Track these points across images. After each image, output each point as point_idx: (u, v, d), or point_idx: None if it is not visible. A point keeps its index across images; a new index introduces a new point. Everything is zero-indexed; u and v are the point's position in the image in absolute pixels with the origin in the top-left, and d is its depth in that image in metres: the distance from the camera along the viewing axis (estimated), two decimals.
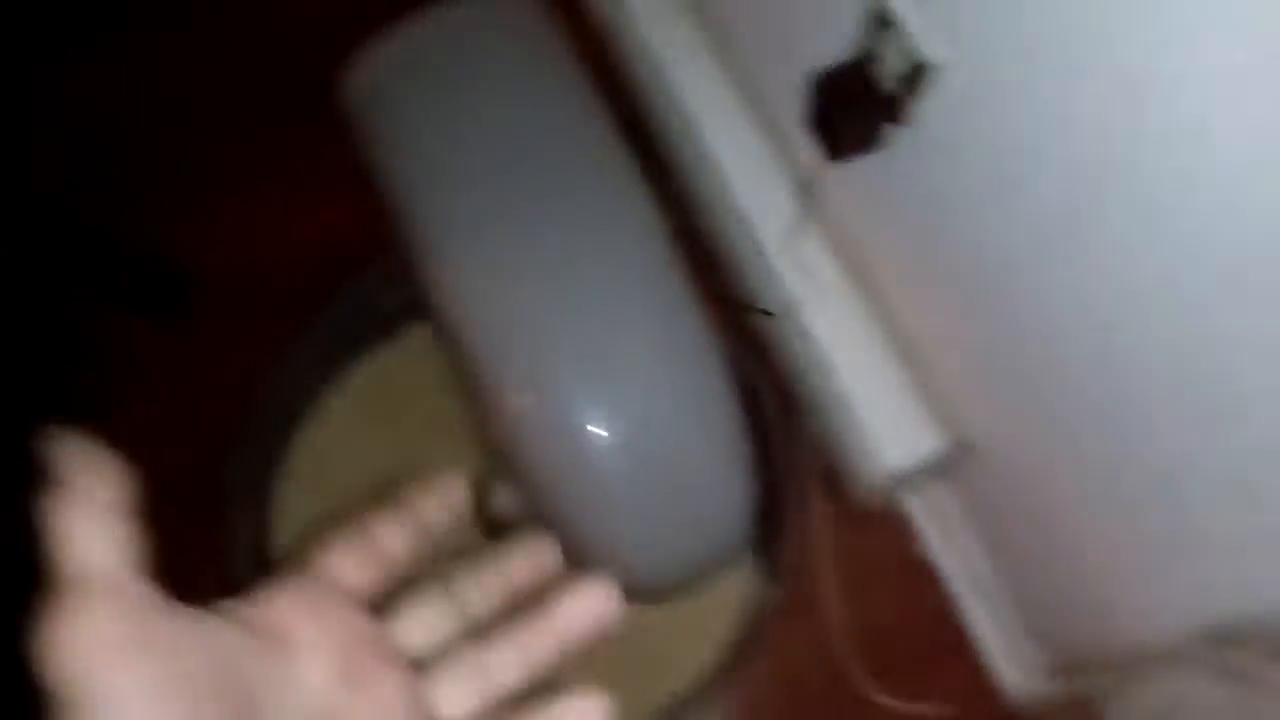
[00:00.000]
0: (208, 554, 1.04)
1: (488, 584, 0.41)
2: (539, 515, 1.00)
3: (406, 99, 0.97)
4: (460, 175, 0.94)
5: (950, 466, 1.05)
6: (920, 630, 1.16)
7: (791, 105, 0.92)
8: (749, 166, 1.08)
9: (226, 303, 1.27)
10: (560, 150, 0.95)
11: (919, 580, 1.16)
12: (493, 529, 1.12)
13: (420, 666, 0.38)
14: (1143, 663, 0.85)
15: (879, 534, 1.18)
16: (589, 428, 0.88)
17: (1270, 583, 0.68)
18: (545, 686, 0.40)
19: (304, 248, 1.26)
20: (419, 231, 0.92)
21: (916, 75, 0.78)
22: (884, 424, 1.02)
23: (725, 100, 1.11)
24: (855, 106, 0.84)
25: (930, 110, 0.80)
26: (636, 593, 1.01)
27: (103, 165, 1.33)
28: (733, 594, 1.12)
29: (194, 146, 1.34)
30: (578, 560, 0.97)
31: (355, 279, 1.14)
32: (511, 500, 1.04)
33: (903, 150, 0.85)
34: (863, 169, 0.89)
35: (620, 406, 0.89)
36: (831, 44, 0.85)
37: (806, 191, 0.99)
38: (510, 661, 0.39)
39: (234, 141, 1.32)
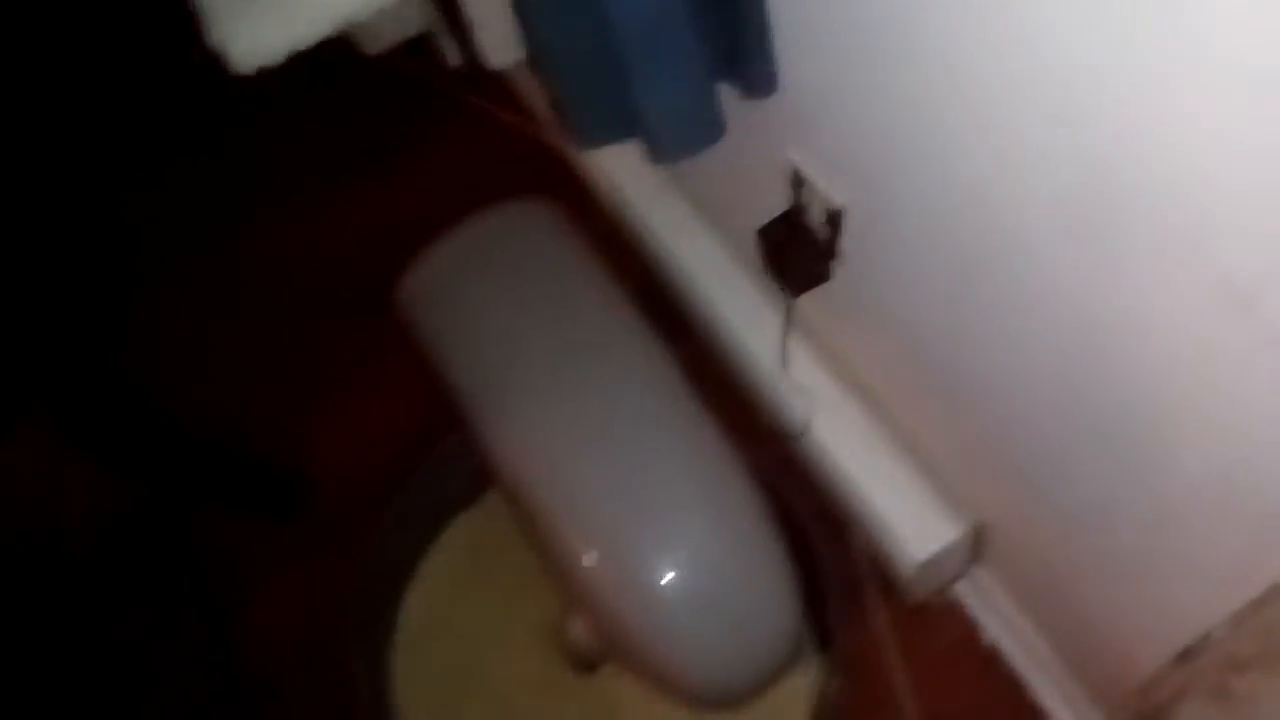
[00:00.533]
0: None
1: None
2: (614, 647, 1.12)
3: (452, 299, 1.17)
4: (505, 360, 1.11)
5: (979, 548, 1.12)
6: (994, 713, 1.20)
7: (755, 254, 1.07)
8: (744, 310, 1.23)
9: (329, 496, 1.45)
10: (588, 328, 1.13)
11: (982, 663, 1.21)
12: (575, 659, 1.24)
13: None
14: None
15: (938, 625, 1.24)
16: (649, 576, 1.01)
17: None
18: None
19: (389, 440, 1.45)
20: (478, 414, 1.09)
21: (834, 218, 0.92)
22: (905, 519, 1.11)
23: (716, 257, 1.27)
24: (796, 249, 0.99)
25: (853, 242, 0.93)
26: (707, 704, 1.11)
27: (207, 381, 1.55)
28: (802, 693, 1.20)
29: (287, 357, 1.55)
30: (652, 679, 1.08)
31: (431, 457, 1.31)
32: (586, 634, 1.16)
33: (846, 278, 0.99)
34: (822, 298, 1.03)
35: (673, 552, 1.02)
36: (769, 202, 1.00)
37: (785, 325, 1.13)
38: None
39: (321, 349, 1.54)
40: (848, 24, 0.73)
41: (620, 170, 1.38)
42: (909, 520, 1.11)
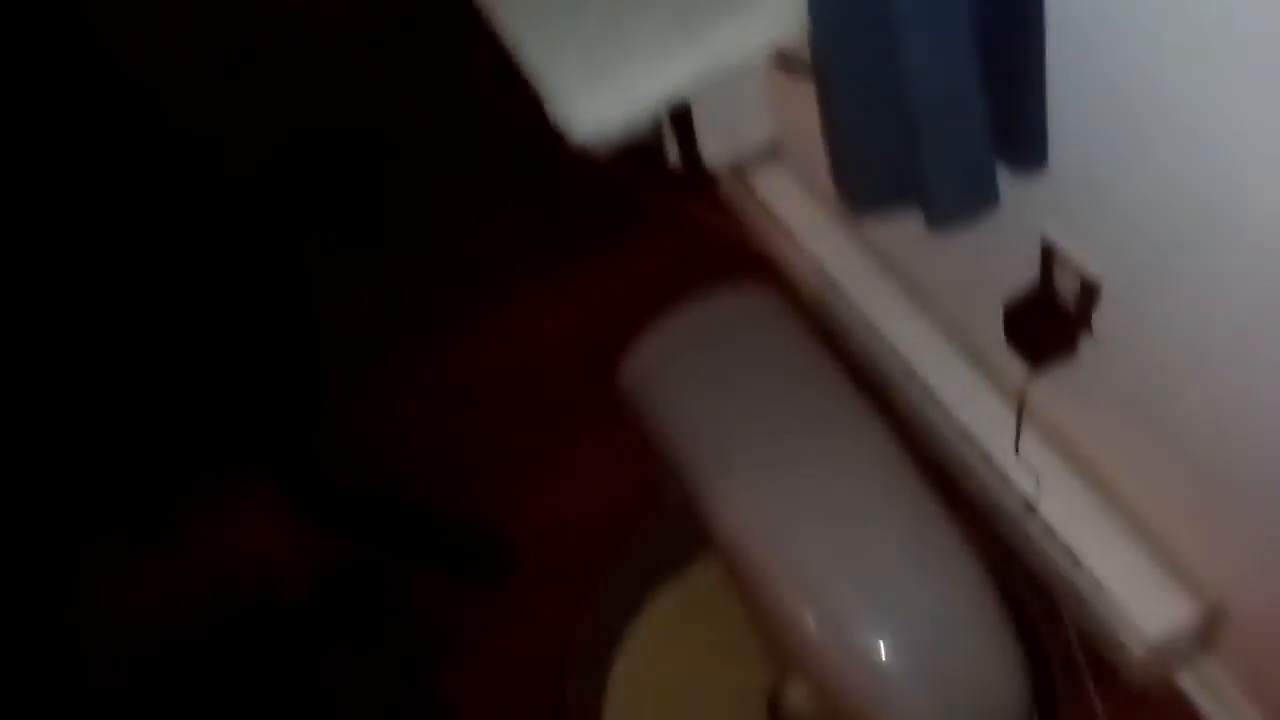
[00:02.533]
0: None
1: None
2: (832, 714, 1.13)
3: (678, 376, 1.24)
4: (729, 433, 1.17)
5: (1210, 634, 1.11)
6: None
7: (991, 331, 1.11)
8: (967, 391, 1.27)
9: (530, 565, 1.51)
10: (810, 403, 1.18)
11: None
12: None
13: None
14: None
15: (1160, 715, 1.22)
16: (870, 637, 1.04)
17: None
18: None
19: (590, 513, 1.51)
20: (700, 485, 1.14)
21: (1087, 292, 0.97)
22: (1135, 599, 1.11)
23: (934, 342, 1.32)
24: (1045, 325, 1.03)
25: (1106, 317, 0.98)
26: None
27: (425, 457, 1.64)
28: None
29: (501, 430, 1.64)
30: None
31: (641, 531, 1.37)
32: (805, 701, 1.18)
33: (1093, 352, 1.02)
34: (1063, 374, 1.06)
35: (895, 616, 1.05)
36: (1013, 276, 1.05)
37: (1021, 401, 1.16)
38: None
39: (530, 430, 1.63)
40: (1119, 100, 0.79)
41: (831, 264, 1.46)
42: (1140, 598, 1.11)
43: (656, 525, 1.38)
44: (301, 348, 1.74)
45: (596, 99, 0.78)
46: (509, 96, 1.91)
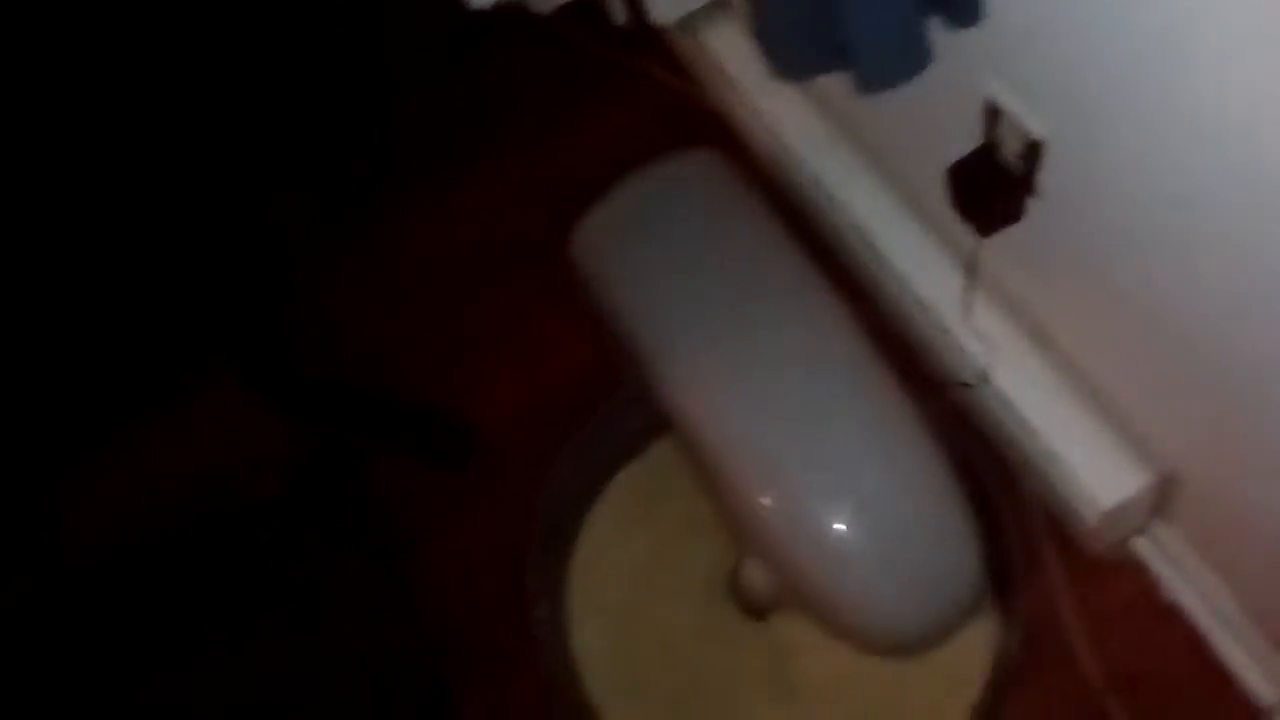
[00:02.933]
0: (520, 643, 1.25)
1: None
2: (789, 592, 1.14)
3: (627, 249, 1.19)
4: (681, 308, 1.13)
5: (1163, 500, 1.10)
6: (1175, 670, 1.17)
7: (940, 196, 1.06)
8: (919, 257, 1.22)
9: (495, 447, 1.49)
10: (761, 275, 1.14)
11: (1163, 621, 1.18)
12: (747, 605, 1.26)
13: None
14: None
15: (1117, 581, 1.22)
16: (825, 517, 1.03)
17: None
18: None
19: (552, 391, 1.49)
20: (653, 363, 1.11)
21: (1032, 151, 0.91)
22: (1089, 468, 1.09)
23: (887, 205, 1.27)
24: (990, 187, 0.98)
25: (1052, 178, 0.92)
26: (884, 649, 1.12)
27: (380, 337, 1.61)
28: (980, 645, 1.19)
29: (455, 313, 1.60)
30: (828, 625, 1.09)
31: (600, 410, 1.35)
32: (762, 579, 1.18)
33: (1041, 215, 0.97)
34: (1012, 239, 1.01)
35: (850, 494, 1.03)
36: (959, 139, 0.99)
37: (970, 268, 1.12)
38: None
39: (486, 306, 1.59)
40: None
41: (784, 124, 1.39)
42: (1094, 467, 1.09)
43: (617, 403, 1.35)
44: (259, 236, 1.70)
45: None
46: None
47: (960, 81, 0.93)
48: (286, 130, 1.81)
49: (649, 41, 1.59)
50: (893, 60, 0.82)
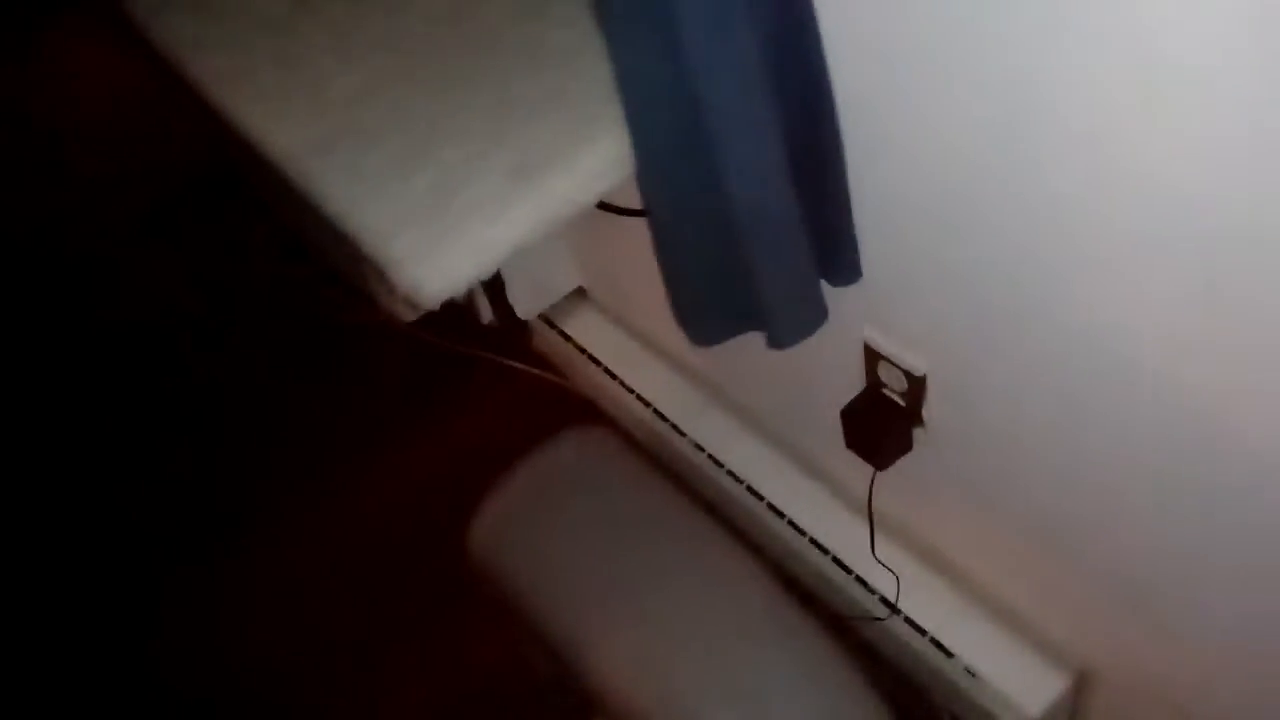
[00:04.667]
0: None
1: None
2: None
3: (529, 536, 1.19)
4: (594, 585, 1.13)
5: (1081, 703, 1.15)
6: None
7: (831, 439, 1.15)
8: (811, 503, 1.30)
9: None
10: (668, 540, 1.16)
11: None
12: None
13: None
14: None
15: None
16: None
17: None
18: None
19: (463, 694, 1.42)
20: (573, 645, 1.10)
21: (915, 385, 1.02)
22: (1011, 680, 1.14)
23: (770, 458, 1.35)
24: (881, 423, 1.08)
25: (935, 408, 1.03)
26: None
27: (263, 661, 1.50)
28: None
29: (340, 627, 1.52)
30: None
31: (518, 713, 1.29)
32: None
33: (929, 443, 1.07)
34: (904, 470, 1.11)
35: None
36: (844, 385, 1.10)
37: (869, 503, 1.20)
38: None
39: (385, 612, 1.53)
40: (917, 205, 0.86)
41: (658, 398, 1.48)
42: (1015, 678, 1.14)
43: (532, 703, 1.31)
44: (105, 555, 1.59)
45: (443, 258, 0.77)
46: (297, 273, 1.89)
47: (841, 331, 1.04)
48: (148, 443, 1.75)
49: (516, 336, 1.68)
50: (800, 318, 0.93)
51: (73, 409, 1.82)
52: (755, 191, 0.81)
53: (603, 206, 1.07)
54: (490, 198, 0.79)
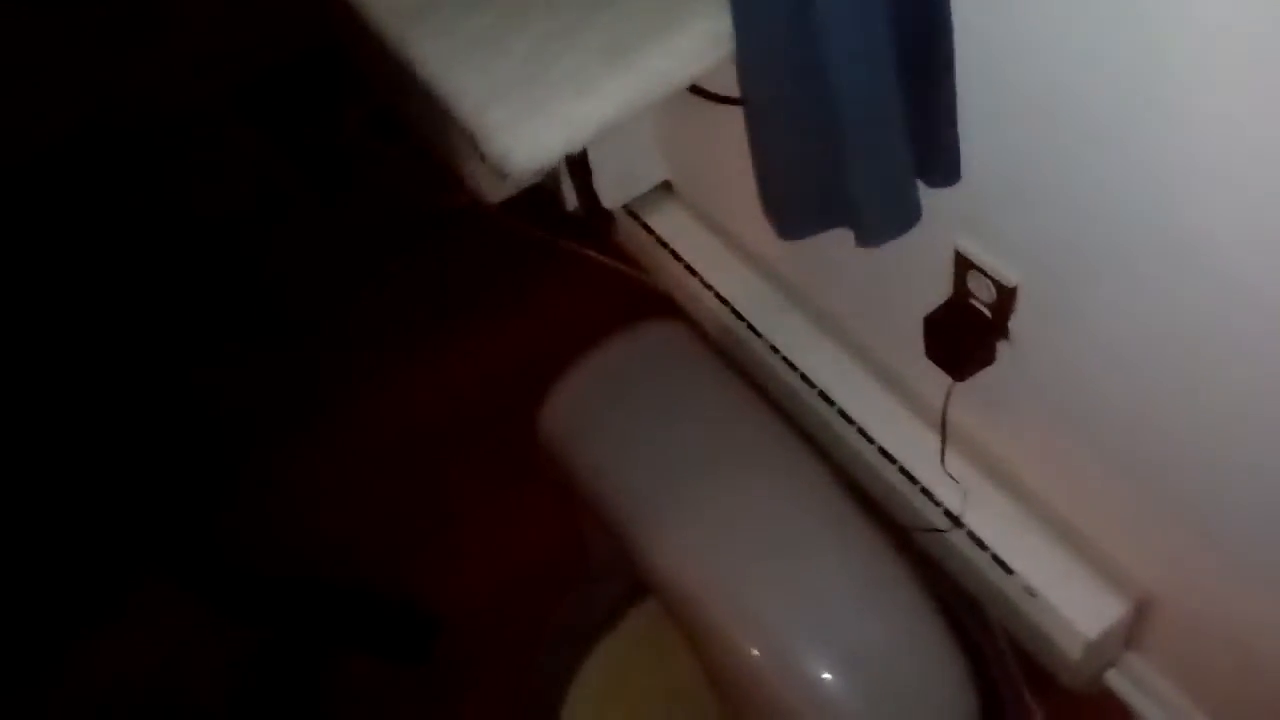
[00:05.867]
0: None
1: None
2: None
3: (597, 421, 1.21)
4: (657, 472, 1.15)
5: (1136, 629, 1.15)
6: None
7: (910, 348, 1.14)
8: (882, 410, 1.29)
9: (462, 634, 1.44)
10: (733, 435, 1.18)
11: None
12: None
13: None
14: None
15: (1095, 716, 1.25)
16: (816, 665, 1.03)
17: None
18: None
19: (520, 573, 1.46)
20: (634, 529, 1.12)
21: (1003, 299, 1.00)
22: (1069, 601, 1.13)
23: (845, 364, 1.34)
24: (963, 334, 1.06)
25: (1023, 322, 1.01)
26: None
27: (339, 526, 1.56)
28: None
29: (418, 496, 1.57)
30: None
31: (573, 590, 1.33)
32: None
33: (1013, 358, 1.06)
34: (982, 383, 1.09)
35: (840, 641, 1.04)
36: (930, 292, 1.08)
37: (944, 413, 1.18)
38: None
39: (446, 489, 1.57)
40: (1025, 108, 0.83)
41: (737, 297, 1.47)
42: (1074, 600, 1.13)
43: (587, 583, 1.34)
44: (198, 432, 1.66)
45: (533, 128, 0.77)
46: (390, 150, 1.90)
47: (932, 236, 1.02)
48: (243, 317, 1.80)
49: (599, 225, 1.68)
50: (892, 216, 0.91)
51: (163, 288, 1.87)
52: (859, 80, 0.79)
53: (697, 92, 1.05)
54: (584, 71, 0.78)
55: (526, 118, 0.78)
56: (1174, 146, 0.73)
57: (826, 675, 1.03)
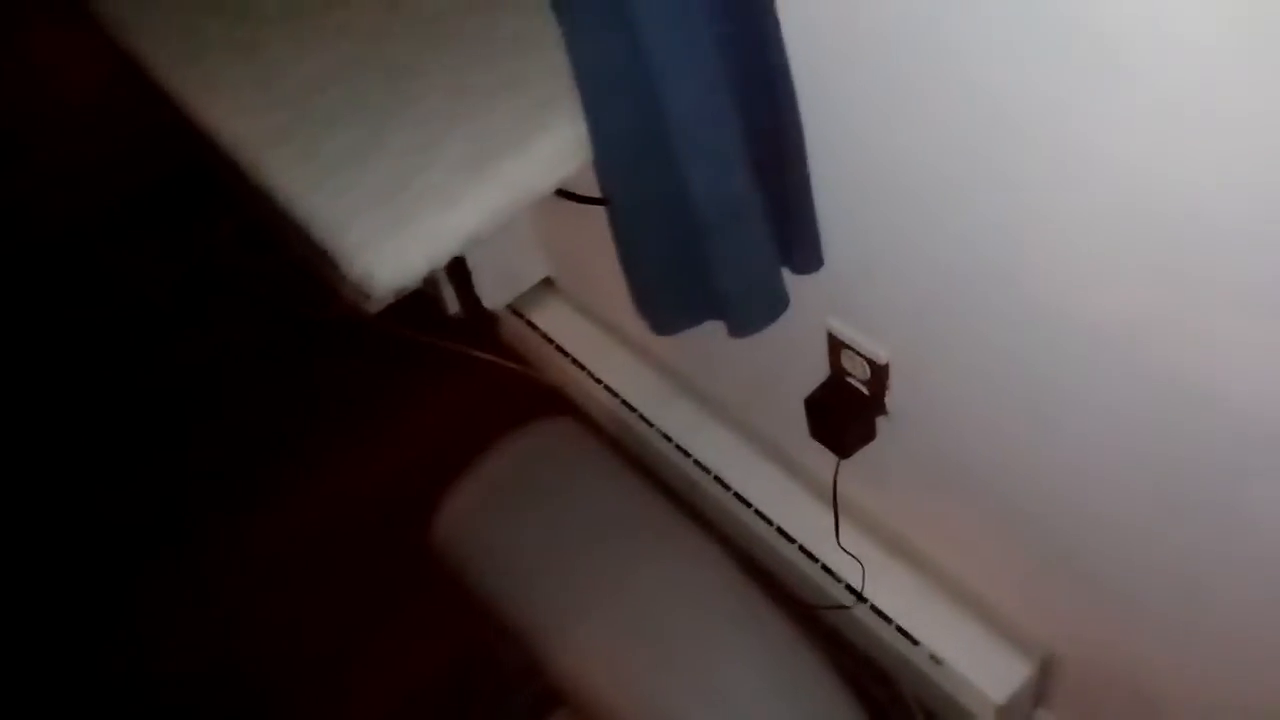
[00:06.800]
0: None
1: None
2: None
3: (495, 526, 1.18)
4: (561, 574, 1.13)
5: (1045, 688, 1.16)
6: None
7: (796, 429, 1.15)
8: (776, 492, 1.29)
9: None
10: (634, 529, 1.16)
11: None
12: None
13: None
14: None
15: None
16: None
17: None
18: None
19: (426, 688, 1.41)
20: (541, 635, 1.09)
21: (878, 373, 1.02)
22: (977, 667, 1.14)
23: (736, 448, 1.35)
24: (845, 412, 1.07)
25: (899, 396, 1.03)
26: None
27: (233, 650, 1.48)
28: None
29: (312, 609, 1.52)
30: None
31: (482, 702, 1.29)
32: None
33: (892, 432, 1.07)
34: (868, 458, 1.11)
35: None
36: (809, 374, 1.09)
37: (834, 491, 1.20)
38: None
39: (349, 602, 1.51)
40: (878, 194, 0.86)
41: (624, 388, 1.47)
42: (981, 665, 1.14)
43: (497, 695, 1.30)
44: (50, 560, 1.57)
45: (395, 246, 0.76)
46: (264, 265, 1.87)
47: (804, 320, 1.04)
48: (114, 432, 1.74)
49: (483, 326, 1.67)
50: (759, 308, 0.92)
51: (41, 402, 1.80)
52: (715, 180, 0.81)
53: (563, 194, 1.06)
54: (444, 185, 0.78)
55: (387, 236, 0.77)
56: (1018, 222, 0.76)
57: None
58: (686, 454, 1.39)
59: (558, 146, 0.82)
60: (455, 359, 1.72)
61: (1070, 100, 0.64)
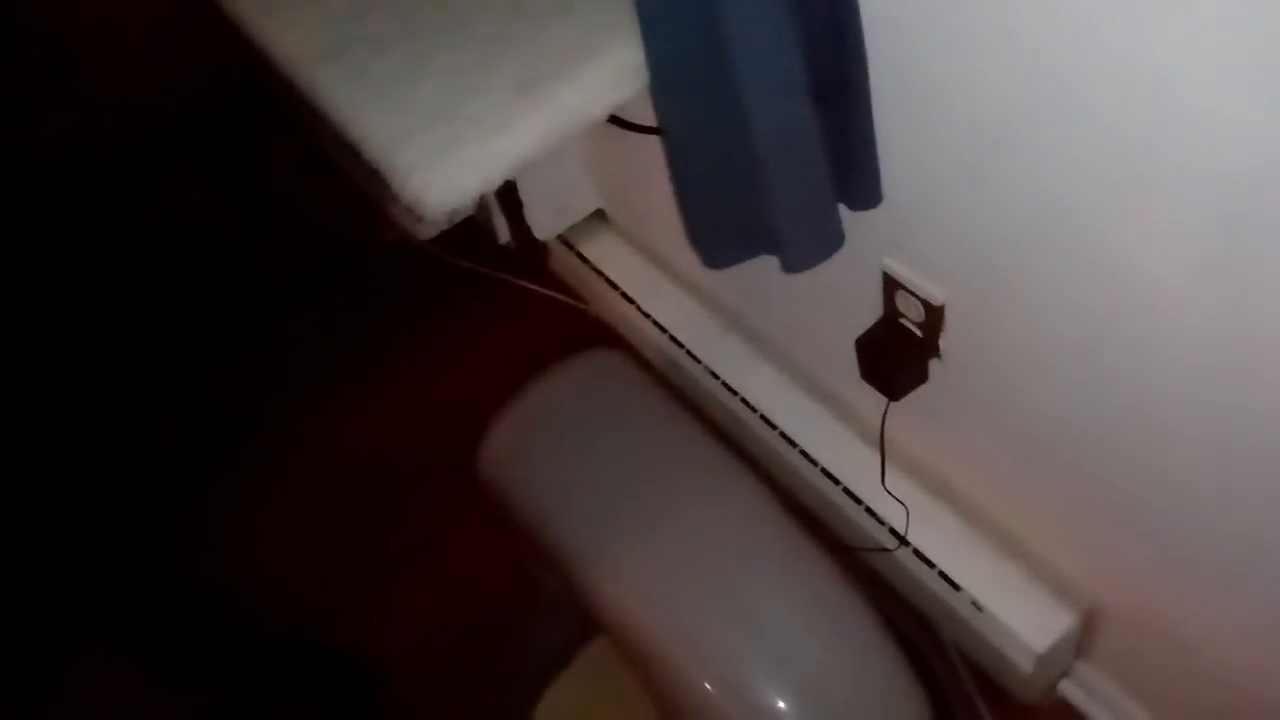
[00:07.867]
0: None
1: None
2: None
3: (539, 455, 1.19)
4: (602, 506, 1.13)
5: (1087, 638, 1.15)
6: None
7: (846, 369, 1.13)
8: (823, 432, 1.28)
9: (406, 679, 1.41)
10: (677, 463, 1.16)
11: None
12: None
13: None
14: None
15: None
16: (771, 696, 1.02)
17: None
18: None
19: (466, 612, 1.44)
20: (581, 565, 1.10)
21: (931, 317, 1.00)
22: (1018, 615, 1.13)
23: (784, 386, 1.34)
24: (896, 354, 1.06)
25: (954, 339, 1.01)
26: None
27: (275, 577, 1.52)
28: None
29: (357, 539, 1.54)
30: None
31: (521, 630, 1.31)
32: None
33: (946, 375, 1.05)
34: (918, 401, 1.09)
35: (793, 671, 1.03)
36: (862, 314, 1.08)
37: (881, 433, 1.18)
38: None
39: (393, 531, 1.54)
40: (941, 130, 0.83)
41: (674, 323, 1.46)
42: (1023, 613, 1.13)
43: (535, 622, 1.32)
44: (116, 484, 1.61)
45: (446, 169, 0.75)
46: (319, 188, 1.88)
47: (860, 259, 1.02)
48: (175, 358, 1.77)
49: (533, 257, 1.66)
50: (816, 242, 0.90)
51: (95, 330, 1.83)
52: (773, 108, 0.78)
53: (616, 122, 1.04)
54: (495, 108, 0.77)
55: (438, 159, 0.76)
56: (1085, 164, 0.73)
57: (781, 704, 1.02)
58: (734, 392, 1.38)
59: (612, 71, 0.81)
60: (506, 289, 1.72)
61: (1152, 39, 0.61)
